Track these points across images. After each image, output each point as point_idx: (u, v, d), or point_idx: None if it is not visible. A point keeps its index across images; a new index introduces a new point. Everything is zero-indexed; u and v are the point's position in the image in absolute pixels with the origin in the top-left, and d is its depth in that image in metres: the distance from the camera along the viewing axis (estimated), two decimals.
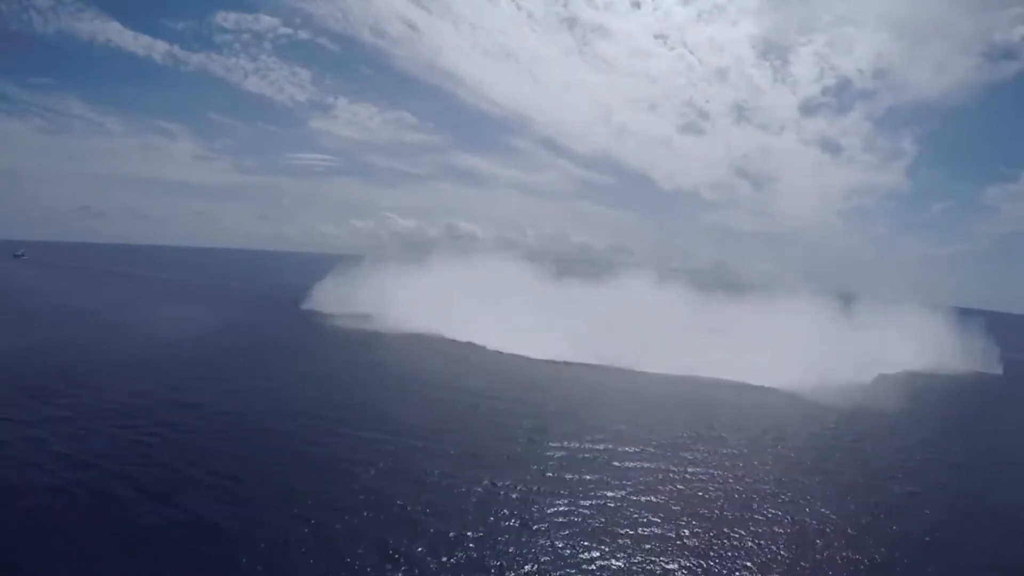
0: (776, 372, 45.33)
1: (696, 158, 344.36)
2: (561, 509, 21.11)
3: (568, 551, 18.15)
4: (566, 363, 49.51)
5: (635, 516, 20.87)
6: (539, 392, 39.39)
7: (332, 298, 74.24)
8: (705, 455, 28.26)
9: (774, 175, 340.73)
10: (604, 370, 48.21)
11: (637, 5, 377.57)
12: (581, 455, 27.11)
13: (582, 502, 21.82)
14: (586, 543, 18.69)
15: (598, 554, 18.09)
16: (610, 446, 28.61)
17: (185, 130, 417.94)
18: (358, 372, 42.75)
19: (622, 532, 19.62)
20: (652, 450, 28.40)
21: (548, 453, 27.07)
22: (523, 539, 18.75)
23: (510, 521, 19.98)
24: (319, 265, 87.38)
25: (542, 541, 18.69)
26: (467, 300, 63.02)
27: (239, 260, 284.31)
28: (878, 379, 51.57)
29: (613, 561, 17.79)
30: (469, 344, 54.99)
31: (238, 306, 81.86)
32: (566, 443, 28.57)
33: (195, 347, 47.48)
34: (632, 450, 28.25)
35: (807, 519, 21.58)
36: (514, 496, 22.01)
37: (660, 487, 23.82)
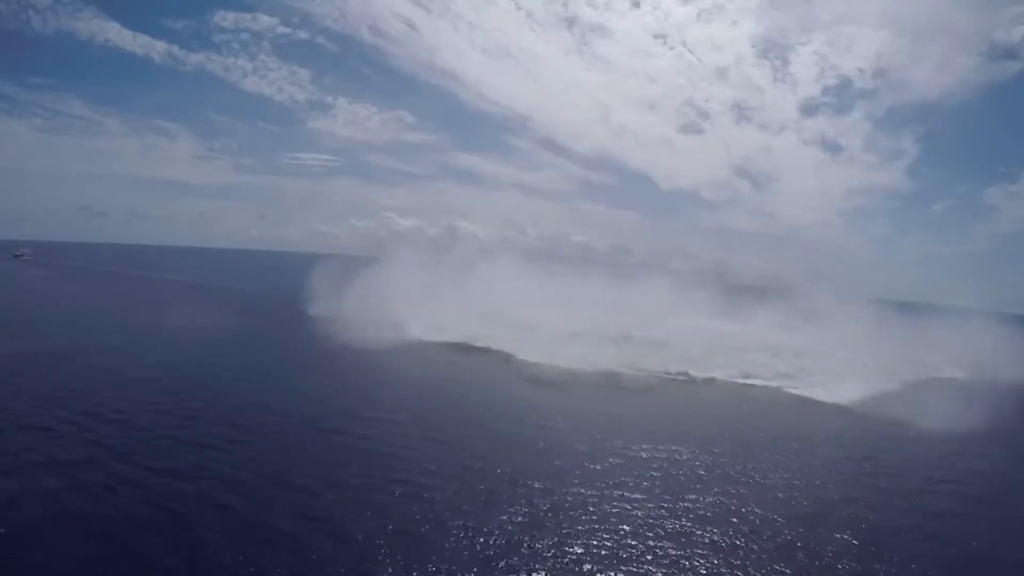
0: (834, 385, 44.27)
1: (696, 158, 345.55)
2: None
3: None
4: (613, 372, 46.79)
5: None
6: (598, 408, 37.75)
7: (341, 303, 71.95)
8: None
9: (774, 175, 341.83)
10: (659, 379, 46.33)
11: (636, 4, 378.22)
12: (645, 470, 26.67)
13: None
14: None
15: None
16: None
17: (185, 130, 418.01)
18: (382, 387, 41.62)
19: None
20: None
21: (615, 462, 26.64)
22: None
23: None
24: (322, 266, 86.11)
25: None
26: (489, 304, 61.80)
27: (241, 261, 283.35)
28: (936, 389, 50.05)
29: None
30: (503, 354, 52.20)
31: (247, 310, 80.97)
32: (631, 451, 28.13)
33: (214, 354, 46.96)
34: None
35: None
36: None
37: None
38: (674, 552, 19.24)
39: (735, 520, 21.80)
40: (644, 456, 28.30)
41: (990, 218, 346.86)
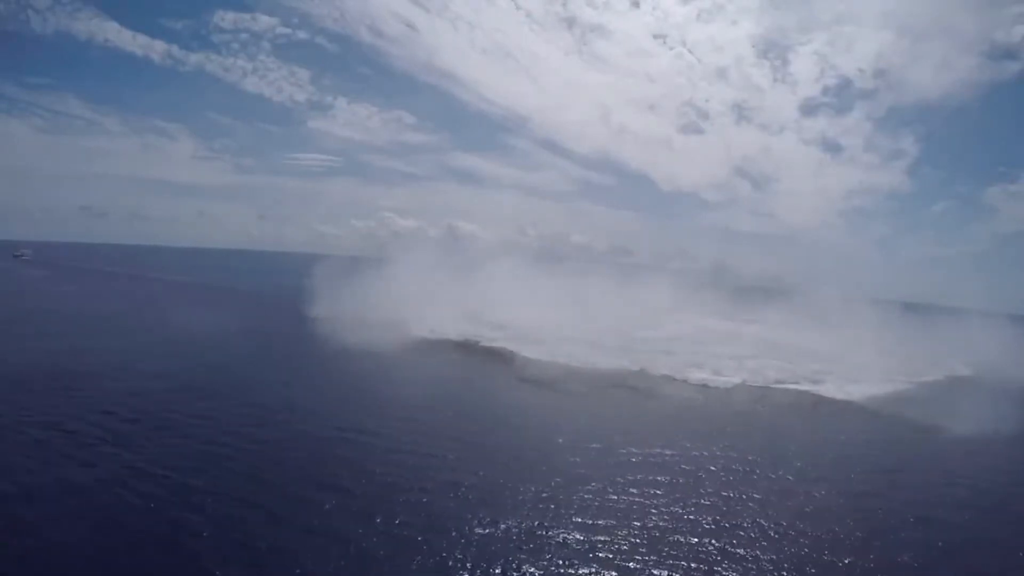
0: (850, 385, 44.56)
1: (696, 158, 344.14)
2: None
3: None
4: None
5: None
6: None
7: (342, 303, 71.44)
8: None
9: (774, 175, 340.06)
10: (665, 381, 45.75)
11: (636, 4, 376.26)
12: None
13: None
14: None
15: None
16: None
17: (185, 130, 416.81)
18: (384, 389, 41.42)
19: None
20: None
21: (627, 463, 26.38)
22: None
23: None
24: (322, 266, 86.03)
25: None
26: (492, 303, 61.85)
27: (241, 261, 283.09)
28: (951, 388, 50.03)
29: None
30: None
31: (249, 311, 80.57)
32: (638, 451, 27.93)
33: (219, 355, 46.83)
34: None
35: None
36: None
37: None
38: (706, 553, 19.07)
39: (766, 523, 21.58)
40: (665, 459, 27.90)
41: (990, 218, 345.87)
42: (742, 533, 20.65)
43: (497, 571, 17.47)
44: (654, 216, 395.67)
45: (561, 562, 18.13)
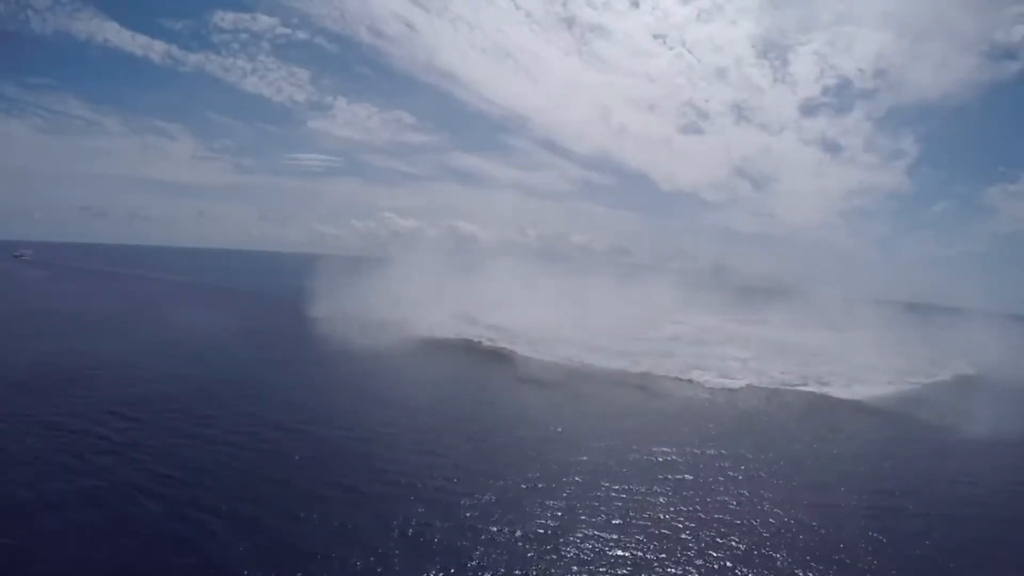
0: (857, 386, 44.71)
1: (696, 158, 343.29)
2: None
3: None
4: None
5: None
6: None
7: (343, 303, 71.25)
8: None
9: (774, 175, 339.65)
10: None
11: (636, 4, 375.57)
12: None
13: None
14: None
15: None
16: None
17: (185, 130, 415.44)
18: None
19: None
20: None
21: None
22: None
23: None
24: (323, 266, 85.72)
25: None
26: (493, 303, 61.67)
27: (241, 261, 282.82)
28: (958, 388, 50.13)
29: None
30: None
31: (250, 311, 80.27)
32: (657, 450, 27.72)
33: (222, 355, 46.76)
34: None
35: None
36: None
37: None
38: (722, 551, 18.87)
39: (778, 523, 21.41)
40: (675, 460, 27.74)
41: (990, 218, 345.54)
42: (756, 532, 20.50)
43: (516, 572, 17.30)
44: (654, 216, 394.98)
45: (579, 561, 17.97)
